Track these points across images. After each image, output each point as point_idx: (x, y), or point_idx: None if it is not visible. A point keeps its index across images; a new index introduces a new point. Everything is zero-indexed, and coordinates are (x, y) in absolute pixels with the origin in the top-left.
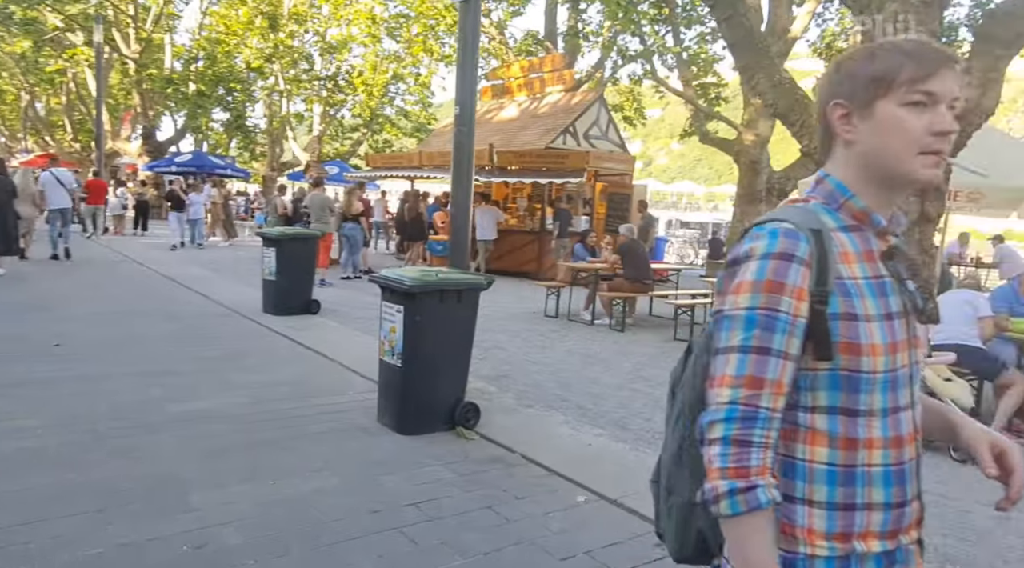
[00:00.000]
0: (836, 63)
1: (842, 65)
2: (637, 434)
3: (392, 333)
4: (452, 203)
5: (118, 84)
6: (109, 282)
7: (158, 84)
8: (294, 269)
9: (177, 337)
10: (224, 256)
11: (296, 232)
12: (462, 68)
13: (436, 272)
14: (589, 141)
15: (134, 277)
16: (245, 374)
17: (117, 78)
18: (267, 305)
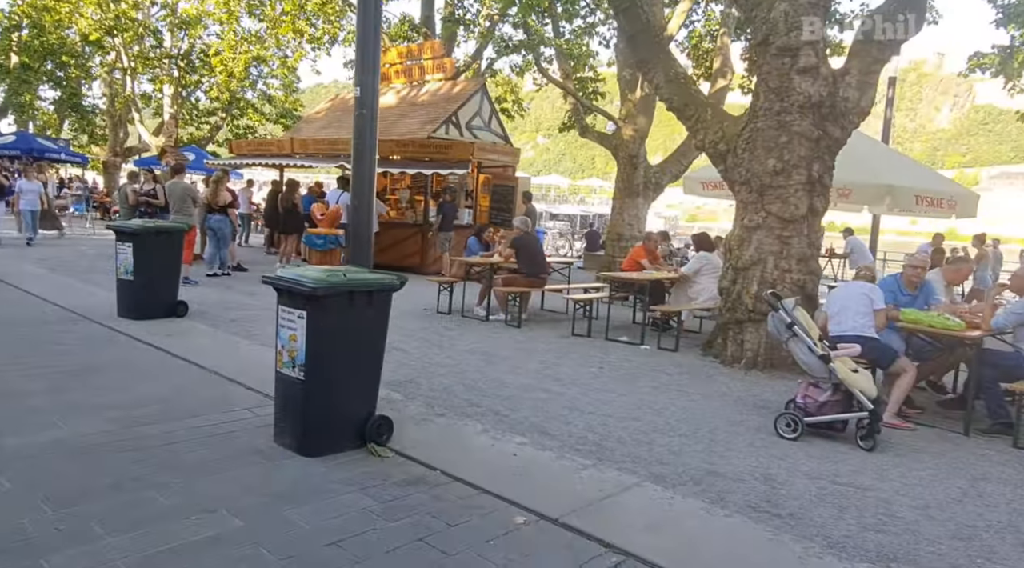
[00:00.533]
0: None
1: None
2: (561, 440)
3: (292, 341)
4: (353, 194)
5: None
6: None
7: None
8: (156, 267)
9: (10, 350)
10: (60, 252)
11: (158, 225)
12: (363, 44)
13: (343, 272)
14: (472, 132)
15: None
16: (102, 393)
17: None
18: (123, 308)
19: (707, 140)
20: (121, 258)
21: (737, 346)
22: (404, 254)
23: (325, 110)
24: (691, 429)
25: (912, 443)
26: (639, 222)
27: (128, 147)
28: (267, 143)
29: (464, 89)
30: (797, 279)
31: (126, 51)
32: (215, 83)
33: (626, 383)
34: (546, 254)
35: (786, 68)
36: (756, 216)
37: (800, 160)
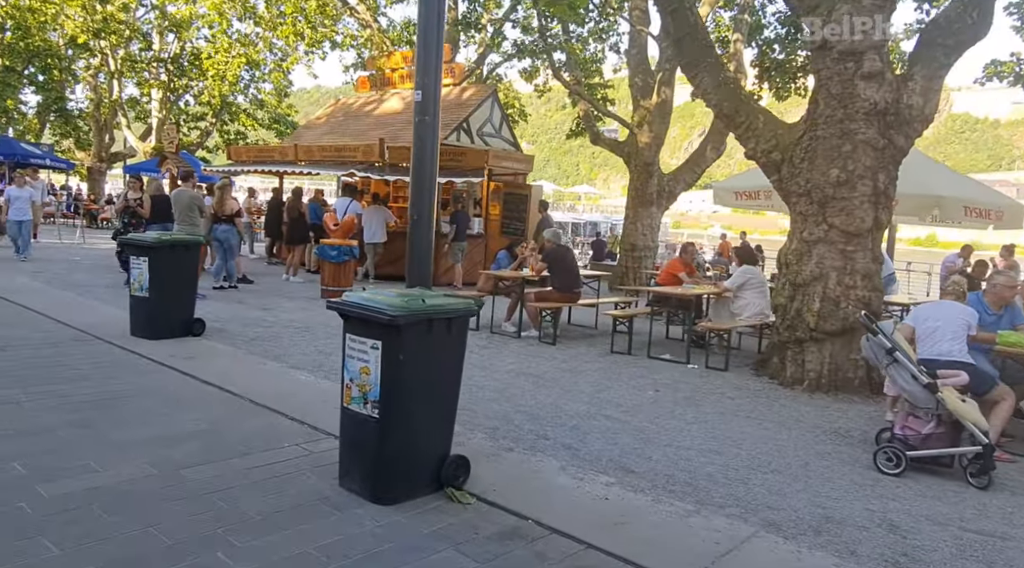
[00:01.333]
0: None
1: None
2: (649, 479)
3: (364, 375)
4: (413, 207)
5: None
6: None
7: None
8: (172, 283)
9: (21, 376)
10: (53, 263)
11: (174, 238)
12: (424, 43)
13: (420, 297)
14: (483, 138)
15: None
16: (133, 427)
17: None
18: (137, 327)
19: (759, 149)
20: (135, 273)
21: (797, 367)
22: None
23: (326, 116)
24: (781, 463)
25: (1020, 477)
26: (653, 232)
27: (114, 153)
28: (268, 150)
29: (474, 95)
30: (862, 296)
31: (113, 54)
32: (205, 87)
33: (689, 408)
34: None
35: (849, 73)
36: (817, 229)
37: (865, 170)
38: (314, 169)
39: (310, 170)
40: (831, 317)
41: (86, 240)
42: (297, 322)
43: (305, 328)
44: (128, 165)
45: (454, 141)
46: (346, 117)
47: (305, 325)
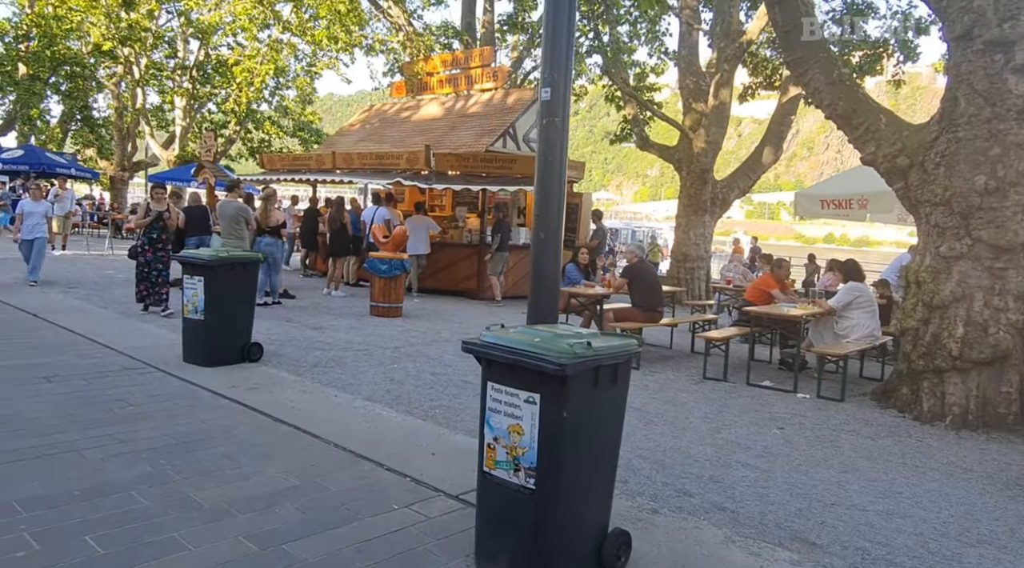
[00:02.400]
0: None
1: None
2: (840, 556)
3: (516, 435)
4: (539, 221)
5: None
6: None
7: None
8: (230, 304)
9: (74, 414)
10: (84, 275)
11: (232, 255)
12: (553, 35)
13: (587, 339)
14: (529, 145)
15: None
16: (214, 483)
17: None
18: (191, 352)
19: (880, 153)
20: (189, 294)
21: (936, 400)
22: (458, 278)
23: (360, 122)
24: (984, 531)
25: None
26: (706, 241)
27: (136, 161)
28: (303, 157)
29: (519, 99)
30: (1015, 319)
31: (136, 62)
32: (229, 95)
33: (830, 451)
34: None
35: (998, 66)
36: (958, 244)
37: (1019, 177)
38: (354, 178)
39: (350, 179)
40: (978, 344)
41: (114, 251)
42: (355, 344)
43: (365, 351)
44: (152, 174)
45: (499, 147)
46: (382, 123)
47: (364, 347)
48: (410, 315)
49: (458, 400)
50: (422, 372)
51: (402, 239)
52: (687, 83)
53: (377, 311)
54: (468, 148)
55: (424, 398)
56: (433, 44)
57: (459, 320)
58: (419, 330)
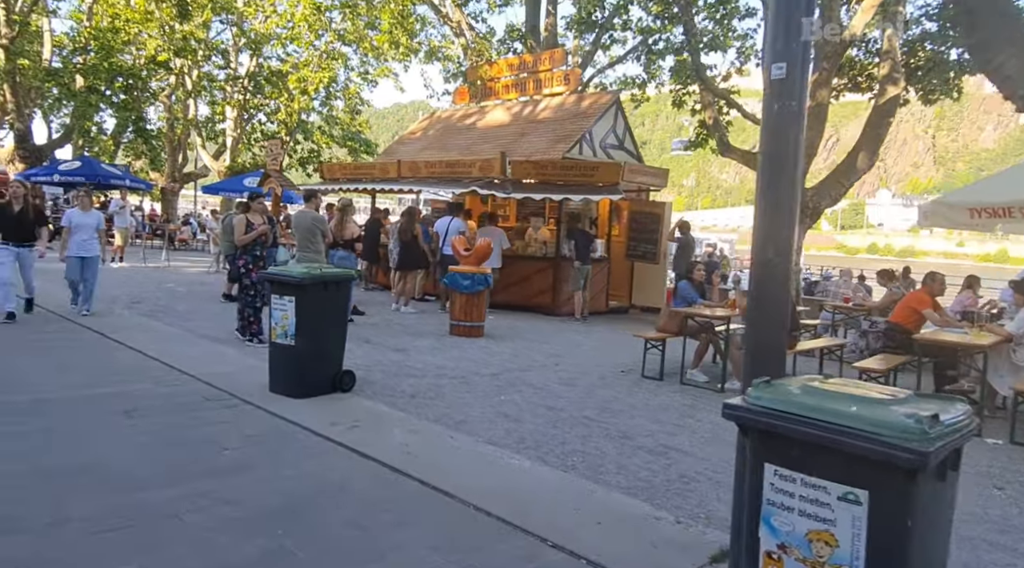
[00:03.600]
0: None
1: None
2: None
3: (823, 545)
4: (765, 238)
5: None
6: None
7: (38, 75)
8: (323, 328)
9: (164, 461)
10: (145, 288)
11: (326, 273)
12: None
13: (932, 411)
14: (606, 151)
15: (34, 329)
16: (351, 564)
17: None
18: (279, 381)
19: None
20: (278, 315)
21: None
22: (531, 292)
23: (420, 130)
24: None
25: None
26: (796, 254)
27: (186, 173)
28: (365, 166)
29: (594, 103)
30: None
31: (189, 73)
32: (281, 105)
33: None
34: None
35: None
36: None
37: None
38: (422, 187)
39: (419, 188)
40: None
41: (171, 263)
42: (447, 369)
43: (461, 379)
44: (205, 186)
45: (576, 154)
46: (445, 131)
47: (458, 373)
48: (490, 334)
49: (591, 443)
50: (535, 406)
51: (485, 252)
52: None
53: (458, 330)
54: (542, 155)
55: (552, 441)
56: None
57: (545, 340)
58: (507, 352)
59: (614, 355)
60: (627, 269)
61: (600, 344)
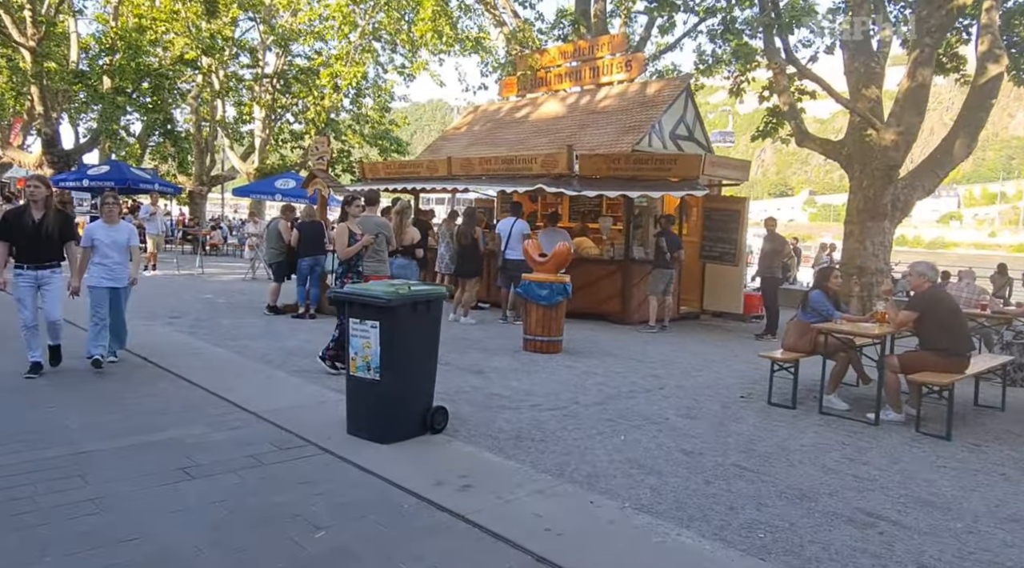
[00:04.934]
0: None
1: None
2: None
3: None
4: None
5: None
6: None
7: (66, 78)
8: (414, 357)
9: (242, 548)
10: (183, 301)
11: (415, 292)
12: None
13: None
14: (676, 143)
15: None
16: None
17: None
18: (359, 422)
19: None
20: (358, 343)
21: None
22: (598, 298)
23: (465, 125)
24: None
25: None
26: (885, 251)
27: (214, 176)
28: (410, 165)
29: (661, 91)
30: None
31: (216, 73)
32: (310, 105)
33: None
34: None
35: None
36: None
37: None
38: (476, 185)
39: (474, 187)
40: None
41: (204, 269)
42: (541, 398)
43: (562, 410)
44: (236, 188)
45: (645, 146)
46: (493, 125)
47: (556, 402)
48: (567, 349)
49: (769, 509)
50: (667, 450)
51: (565, 258)
52: (855, 67)
53: (533, 346)
54: (607, 149)
55: (718, 505)
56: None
57: (632, 356)
58: (597, 373)
59: (718, 374)
60: (698, 271)
61: (697, 360)
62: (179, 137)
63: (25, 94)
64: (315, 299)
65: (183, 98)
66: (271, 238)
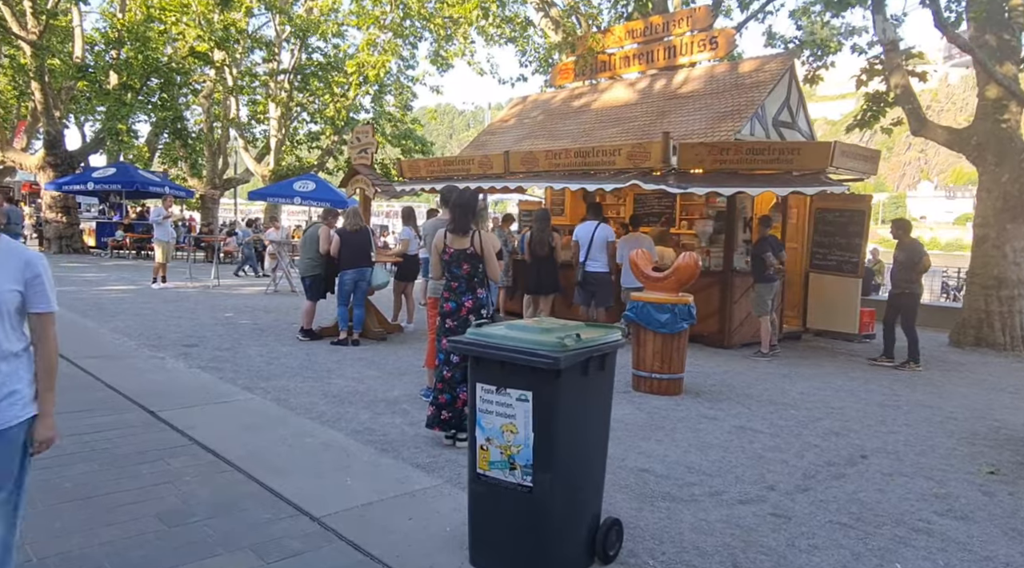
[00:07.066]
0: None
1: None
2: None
3: None
4: None
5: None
6: None
7: (70, 73)
8: (584, 446)
9: None
10: (204, 326)
11: (593, 340)
12: None
13: None
14: (778, 130)
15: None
16: None
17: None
18: (494, 550)
19: None
20: (493, 425)
21: None
22: None
23: (514, 117)
24: None
25: None
26: None
27: (227, 178)
28: (459, 161)
29: (758, 71)
30: None
31: (230, 68)
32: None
33: None
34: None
35: None
36: None
37: None
38: (541, 183)
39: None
40: None
41: (221, 280)
42: (717, 482)
43: (763, 505)
44: (252, 191)
45: (747, 135)
46: (546, 116)
47: (744, 490)
48: (686, 388)
49: None
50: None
51: (692, 272)
52: (986, 40)
53: (649, 385)
54: (700, 138)
55: None
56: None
57: (773, 396)
58: (754, 427)
59: (911, 427)
60: (799, 283)
61: (860, 403)
62: (190, 137)
63: (28, 94)
64: (358, 321)
65: (195, 96)
66: (307, 247)
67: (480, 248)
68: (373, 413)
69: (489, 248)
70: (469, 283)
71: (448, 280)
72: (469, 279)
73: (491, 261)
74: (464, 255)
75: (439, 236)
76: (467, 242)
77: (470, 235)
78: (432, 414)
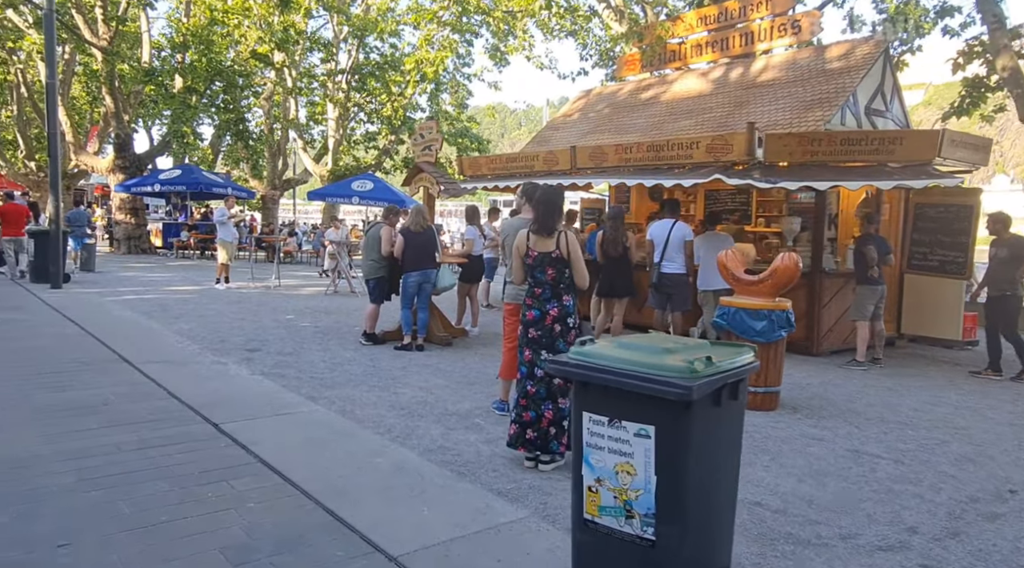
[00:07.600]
0: None
1: None
2: None
3: None
4: None
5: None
6: None
7: (138, 77)
8: (714, 490)
9: None
10: (266, 329)
11: (729, 363)
12: None
13: None
14: (871, 119)
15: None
16: None
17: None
18: None
19: None
20: (606, 464)
21: None
22: None
23: (577, 111)
24: None
25: None
26: None
27: (287, 179)
28: (522, 158)
29: (847, 55)
30: None
31: (290, 69)
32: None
33: None
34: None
35: None
36: None
37: None
38: (612, 179)
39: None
40: None
41: (281, 281)
42: (846, 522)
43: (907, 554)
44: (311, 191)
45: (838, 124)
46: (612, 110)
47: (880, 533)
48: (782, 402)
49: None
50: None
51: (792, 275)
52: None
53: (766, 403)
54: (785, 128)
55: None
56: None
57: (884, 413)
58: (872, 451)
59: None
60: (894, 285)
61: (983, 422)
62: (251, 138)
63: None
64: (423, 326)
65: (256, 98)
66: (370, 248)
67: (567, 251)
68: (445, 428)
69: (577, 251)
70: (555, 289)
71: (531, 286)
72: (555, 285)
73: (579, 265)
74: (549, 259)
75: (521, 237)
76: (552, 244)
77: (556, 236)
78: (515, 433)
